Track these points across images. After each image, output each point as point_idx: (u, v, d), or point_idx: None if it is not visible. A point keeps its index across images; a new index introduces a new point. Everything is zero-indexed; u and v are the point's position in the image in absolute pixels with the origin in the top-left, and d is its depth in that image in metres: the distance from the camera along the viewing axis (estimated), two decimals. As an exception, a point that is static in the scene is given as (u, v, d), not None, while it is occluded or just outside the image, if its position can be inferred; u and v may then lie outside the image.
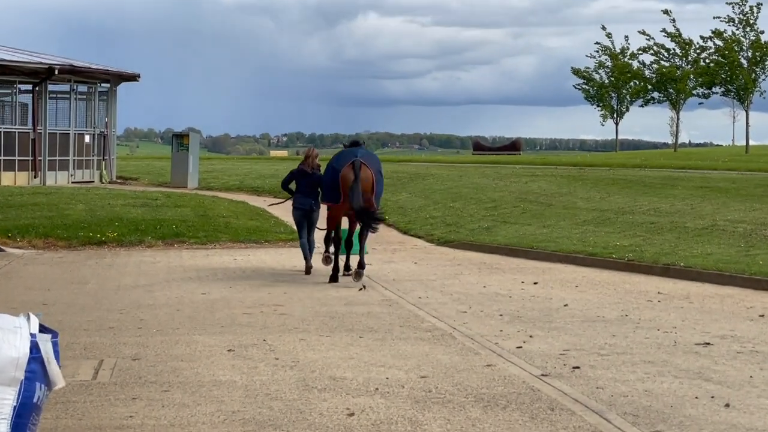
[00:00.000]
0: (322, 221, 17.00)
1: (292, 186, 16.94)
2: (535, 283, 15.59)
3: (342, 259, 16.28)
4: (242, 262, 18.37)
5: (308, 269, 16.62)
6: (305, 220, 16.85)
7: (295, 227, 18.00)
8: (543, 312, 12.82)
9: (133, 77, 39.15)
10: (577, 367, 9.41)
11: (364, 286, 15.00)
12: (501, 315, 12.59)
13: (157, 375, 9.04)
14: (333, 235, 16.44)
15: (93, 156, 37.28)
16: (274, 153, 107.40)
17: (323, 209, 16.78)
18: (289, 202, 17.28)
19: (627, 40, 69.63)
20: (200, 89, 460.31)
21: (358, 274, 15.55)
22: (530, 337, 11.07)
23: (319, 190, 16.57)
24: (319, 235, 17.20)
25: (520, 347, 10.44)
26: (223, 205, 26.67)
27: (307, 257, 16.75)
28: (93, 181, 36.46)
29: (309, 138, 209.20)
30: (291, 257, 18.82)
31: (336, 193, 15.80)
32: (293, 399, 8.17)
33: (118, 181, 37.76)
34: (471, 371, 9.24)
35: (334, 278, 15.80)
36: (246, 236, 21.59)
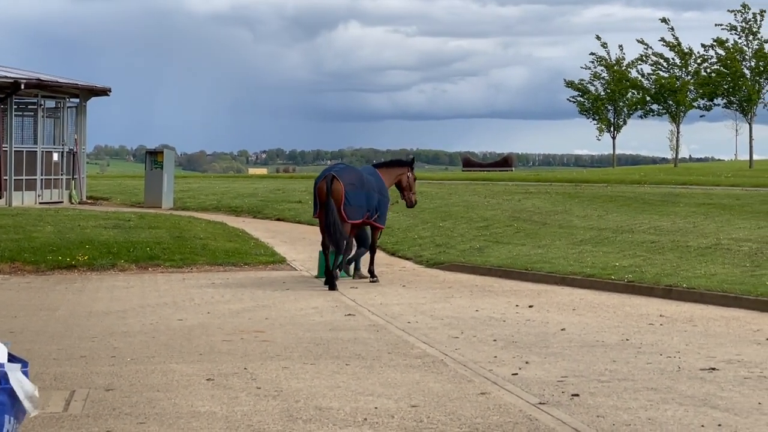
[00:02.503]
0: None
1: None
2: (531, 307, 15.61)
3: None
4: (221, 286, 18.35)
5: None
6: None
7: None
8: (539, 337, 12.84)
9: (103, 92, 39.10)
10: (576, 395, 9.43)
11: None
12: (495, 340, 12.60)
13: (132, 406, 9.01)
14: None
15: (62, 175, 37.17)
16: (252, 171, 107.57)
17: None
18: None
19: (622, 50, 69.91)
20: (174, 104, 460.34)
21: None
22: (526, 363, 11.08)
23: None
24: None
25: (516, 374, 10.45)
26: (200, 226, 26.62)
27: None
28: (62, 202, 36.36)
29: (289, 155, 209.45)
30: (272, 281, 18.83)
31: (316, 206, 18.37)
32: (277, 431, 8.16)
33: (89, 201, 37.68)
34: (464, 400, 9.24)
35: (331, 284, 17.76)
36: (224, 259, 21.56)
